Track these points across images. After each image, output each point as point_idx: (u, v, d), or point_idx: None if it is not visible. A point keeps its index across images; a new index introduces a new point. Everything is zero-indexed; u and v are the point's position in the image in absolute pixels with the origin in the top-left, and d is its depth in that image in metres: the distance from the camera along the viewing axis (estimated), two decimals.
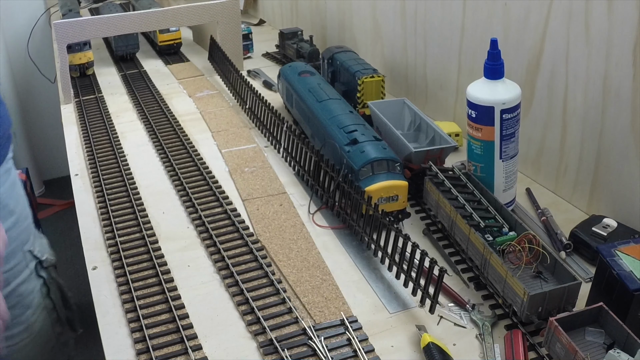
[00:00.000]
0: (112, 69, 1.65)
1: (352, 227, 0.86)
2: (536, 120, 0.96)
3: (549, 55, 0.91)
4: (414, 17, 1.22)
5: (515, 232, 0.77)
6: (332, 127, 0.97)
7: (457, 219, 0.79)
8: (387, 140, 0.94)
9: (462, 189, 0.85)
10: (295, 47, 1.53)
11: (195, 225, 0.91)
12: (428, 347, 0.65)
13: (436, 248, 0.85)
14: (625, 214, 0.83)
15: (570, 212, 0.92)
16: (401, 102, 1.10)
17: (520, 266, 0.72)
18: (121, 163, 1.09)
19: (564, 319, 0.63)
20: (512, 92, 0.83)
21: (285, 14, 1.90)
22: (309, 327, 0.69)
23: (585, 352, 0.60)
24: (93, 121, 1.28)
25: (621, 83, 0.80)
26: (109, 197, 0.98)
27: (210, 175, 1.04)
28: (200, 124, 1.26)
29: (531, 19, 0.92)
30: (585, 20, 0.83)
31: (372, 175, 0.86)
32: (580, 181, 0.91)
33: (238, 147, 1.15)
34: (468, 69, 1.09)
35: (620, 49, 0.79)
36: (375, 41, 1.39)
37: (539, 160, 0.98)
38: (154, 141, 1.19)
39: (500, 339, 0.68)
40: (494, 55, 0.82)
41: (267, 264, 0.81)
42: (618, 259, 0.67)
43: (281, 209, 0.95)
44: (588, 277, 0.77)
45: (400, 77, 1.32)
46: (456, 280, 0.78)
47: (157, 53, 1.74)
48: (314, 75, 1.19)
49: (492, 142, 0.85)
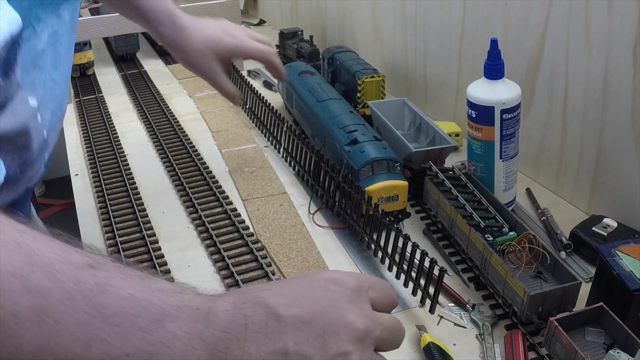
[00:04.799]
0: (112, 69, 1.65)
1: (352, 227, 0.86)
2: (536, 120, 0.96)
3: (549, 55, 0.91)
4: (414, 17, 1.22)
5: (515, 232, 0.77)
6: (332, 127, 0.97)
7: (457, 219, 0.79)
8: (387, 140, 0.94)
9: (462, 189, 0.85)
10: (295, 47, 1.53)
11: (195, 225, 0.91)
12: (428, 347, 0.65)
13: (436, 248, 0.85)
14: (625, 214, 0.83)
15: (570, 212, 0.92)
16: (401, 102, 1.10)
17: (520, 266, 0.72)
18: (121, 163, 1.09)
19: (564, 319, 0.63)
20: (512, 92, 0.83)
21: (285, 14, 1.90)
22: None
23: (585, 352, 0.60)
24: (93, 121, 1.28)
25: (621, 83, 0.80)
26: (109, 197, 0.98)
27: (210, 175, 1.04)
28: (200, 124, 1.26)
29: (531, 19, 0.92)
30: (585, 20, 0.83)
31: (372, 175, 0.86)
32: (580, 181, 0.91)
33: (238, 147, 1.15)
34: (468, 69, 1.09)
35: (620, 49, 0.79)
36: (375, 41, 1.39)
37: (539, 160, 0.98)
38: (154, 141, 1.19)
39: (500, 339, 0.68)
40: (494, 55, 0.82)
41: (267, 264, 0.81)
42: (618, 259, 0.67)
43: (281, 209, 0.95)
44: (588, 277, 0.77)
45: (400, 77, 1.32)
46: (456, 280, 0.78)
47: (157, 53, 1.74)
48: (314, 75, 1.19)
49: (492, 142, 0.85)
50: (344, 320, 0.42)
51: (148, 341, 0.37)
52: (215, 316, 0.40)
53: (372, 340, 0.43)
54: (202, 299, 0.41)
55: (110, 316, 0.36)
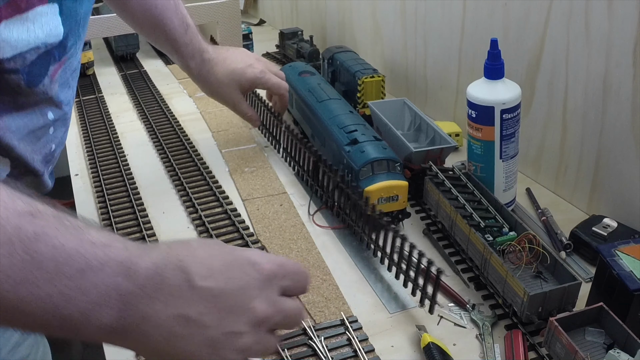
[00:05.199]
0: (112, 69, 1.65)
1: (351, 227, 0.86)
2: (536, 120, 0.96)
3: (549, 55, 0.91)
4: (414, 17, 1.22)
5: (515, 232, 0.77)
6: (332, 127, 0.97)
7: (457, 219, 0.79)
8: (387, 140, 0.94)
9: (462, 189, 0.85)
10: (295, 47, 1.53)
11: (195, 225, 0.91)
12: (428, 347, 0.65)
13: (436, 248, 0.85)
14: (625, 214, 0.83)
15: (570, 212, 0.92)
16: (401, 102, 1.10)
17: (520, 266, 0.72)
18: (121, 163, 1.09)
19: (564, 319, 0.63)
20: (512, 92, 0.83)
21: (285, 14, 1.90)
22: (309, 327, 0.69)
23: (585, 352, 0.60)
24: (93, 121, 1.28)
25: (621, 83, 0.80)
26: (109, 197, 0.98)
27: (210, 175, 1.04)
28: (200, 124, 1.26)
29: (531, 19, 0.92)
30: (585, 20, 0.83)
31: (372, 175, 0.86)
32: (580, 181, 0.91)
33: (238, 147, 1.15)
34: (468, 69, 1.09)
35: (620, 49, 0.79)
36: (375, 41, 1.39)
37: (539, 160, 0.98)
38: (154, 141, 1.19)
39: (500, 339, 0.68)
40: (494, 55, 0.82)
41: None
42: (618, 259, 0.67)
43: (281, 209, 0.95)
44: (588, 277, 0.77)
45: (400, 77, 1.32)
46: (456, 280, 0.78)
47: (157, 53, 1.74)
48: (314, 75, 1.19)
49: (492, 142, 0.85)
50: (247, 305, 0.48)
51: (69, 287, 0.41)
52: (135, 272, 0.44)
53: (269, 325, 0.49)
54: (128, 254, 0.45)
55: (40, 262, 0.41)
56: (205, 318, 0.46)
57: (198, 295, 0.46)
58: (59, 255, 0.41)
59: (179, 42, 1.00)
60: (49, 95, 0.59)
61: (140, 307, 0.44)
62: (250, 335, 0.48)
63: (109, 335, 0.44)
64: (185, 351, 0.46)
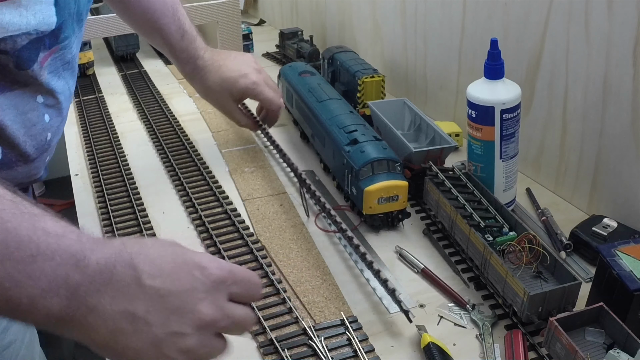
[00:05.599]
0: (112, 69, 1.65)
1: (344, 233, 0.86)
2: (536, 120, 0.96)
3: (549, 55, 0.91)
4: (414, 17, 1.22)
5: (515, 232, 0.77)
6: (332, 127, 0.97)
7: (457, 219, 0.79)
8: (387, 140, 0.94)
9: (462, 189, 0.85)
10: (295, 47, 1.53)
11: (195, 225, 0.91)
12: (428, 347, 0.65)
13: (436, 248, 0.85)
14: (625, 214, 0.83)
15: (570, 212, 0.92)
16: (401, 102, 1.10)
17: (520, 266, 0.72)
18: (121, 163, 1.09)
19: (564, 319, 0.63)
20: (512, 92, 0.83)
21: (285, 14, 1.90)
22: (309, 327, 0.69)
23: (585, 352, 0.60)
24: (93, 121, 1.28)
25: (621, 83, 0.80)
26: (109, 197, 0.98)
27: (210, 175, 1.04)
28: (200, 124, 1.26)
29: (531, 19, 0.92)
30: (585, 20, 0.83)
31: (372, 175, 0.86)
32: (580, 181, 0.91)
33: (238, 147, 1.15)
34: (468, 69, 1.09)
35: (620, 49, 0.79)
36: (375, 41, 1.39)
37: (539, 160, 0.98)
38: (154, 141, 1.19)
39: (500, 339, 0.68)
40: (494, 55, 0.82)
41: (267, 264, 0.81)
42: (618, 259, 0.67)
43: (281, 209, 0.95)
44: (588, 277, 0.77)
45: (400, 77, 1.32)
46: (456, 280, 0.78)
47: (157, 53, 1.74)
48: (314, 75, 1.19)
49: (492, 142, 0.85)
50: (192, 307, 0.48)
51: (19, 271, 0.43)
52: (86, 265, 0.46)
53: (216, 329, 0.50)
54: (80, 246, 0.46)
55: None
56: (151, 316, 0.47)
57: (145, 293, 0.47)
58: (11, 239, 0.43)
59: (175, 47, 1.02)
60: (38, 80, 0.61)
61: (88, 299, 0.45)
62: (195, 337, 0.48)
63: (57, 324, 0.45)
64: (130, 347, 0.47)
